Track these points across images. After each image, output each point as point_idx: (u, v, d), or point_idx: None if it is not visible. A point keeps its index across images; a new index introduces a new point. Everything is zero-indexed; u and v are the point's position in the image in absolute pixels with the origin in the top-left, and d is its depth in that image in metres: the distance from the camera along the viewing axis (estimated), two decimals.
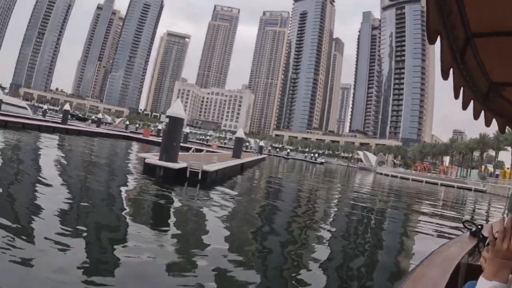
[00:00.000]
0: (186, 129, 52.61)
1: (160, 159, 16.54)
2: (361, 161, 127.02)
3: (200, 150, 26.12)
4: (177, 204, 11.62)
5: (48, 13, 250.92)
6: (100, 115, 65.79)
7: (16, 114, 44.66)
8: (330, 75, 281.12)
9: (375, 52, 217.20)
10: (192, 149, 18.91)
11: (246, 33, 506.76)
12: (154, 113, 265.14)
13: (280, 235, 9.24)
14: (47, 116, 70.15)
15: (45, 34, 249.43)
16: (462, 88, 1.87)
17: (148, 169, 16.54)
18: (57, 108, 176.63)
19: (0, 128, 28.84)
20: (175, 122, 17.53)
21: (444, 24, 1.52)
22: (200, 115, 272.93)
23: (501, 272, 1.28)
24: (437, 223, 15.14)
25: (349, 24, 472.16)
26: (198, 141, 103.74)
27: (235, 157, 29.08)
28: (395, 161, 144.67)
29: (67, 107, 48.42)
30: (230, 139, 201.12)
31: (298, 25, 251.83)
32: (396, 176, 71.96)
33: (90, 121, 79.39)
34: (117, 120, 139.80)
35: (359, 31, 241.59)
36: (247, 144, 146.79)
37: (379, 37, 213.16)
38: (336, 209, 15.97)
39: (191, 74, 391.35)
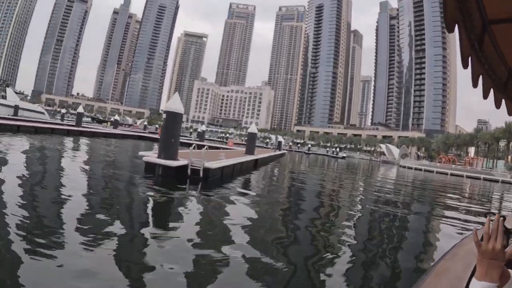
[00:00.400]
0: (203, 127, 52.02)
1: (158, 157, 15.67)
2: (384, 154, 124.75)
3: (211, 147, 26.00)
4: (175, 205, 10.85)
5: (65, 21, 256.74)
6: (116, 117, 65.59)
7: (32, 119, 44.74)
8: (350, 68, 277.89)
9: (394, 42, 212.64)
10: (193, 145, 17.12)
11: (263, 30, 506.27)
12: None
13: (296, 234, 8.85)
14: (66, 120, 71.74)
15: (63, 41, 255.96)
16: (481, 77, 1.82)
17: (149, 168, 15.94)
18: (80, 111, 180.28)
19: (13, 133, 29.25)
20: (173, 118, 16.59)
21: (461, 12, 1.48)
22: (220, 113, 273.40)
23: (490, 272, 1.31)
24: (462, 217, 14.79)
25: (366, 15, 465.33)
26: (217, 139, 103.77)
27: (248, 153, 28.32)
28: (418, 153, 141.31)
29: (80, 109, 48.44)
30: (280, 140, 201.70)
31: (314, 19, 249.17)
32: (420, 169, 70.45)
33: (108, 123, 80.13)
34: (138, 121, 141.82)
35: (377, 22, 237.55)
36: (267, 140, 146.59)
37: (398, 27, 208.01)
38: (358, 205, 15.29)
39: (210, 73, 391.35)
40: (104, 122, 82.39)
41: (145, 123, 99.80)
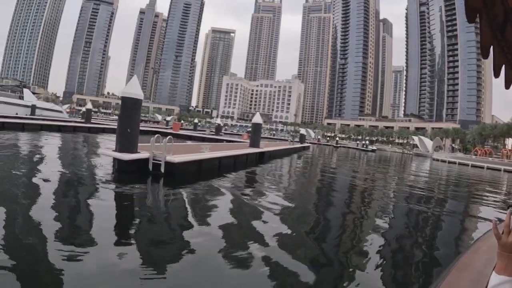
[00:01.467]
0: (218, 120, 51.11)
1: (115, 150, 13.92)
2: (417, 147, 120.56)
3: (218, 141, 24.06)
4: (111, 205, 9.31)
5: (93, 23, 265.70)
6: (65, 107, 65.81)
7: (49, 118, 46.84)
8: (381, 58, 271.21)
9: (425, 29, 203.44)
10: (156, 136, 14.42)
11: (291, 23, 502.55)
12: (206, 109, 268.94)
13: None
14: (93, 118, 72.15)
15: (92, 42, 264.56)
16: (503, 67, 1.79)
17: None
18: (110, 111, 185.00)
19: (18, 131, 29.73)
20: (130, 104, 14.37)
21: (483, 1, 1.49)
22: (250, 108, 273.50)
23: (511, 266, 1.27)
24: (501, 216, 13.01)
25: (395, 3, 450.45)
26: (236, 133, 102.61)
27: (253, 146, 26.70)
28: (453, 145, 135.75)
29: (89, 105, 49.34)
30: (282, 130, 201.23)
31: (342, 8, 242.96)
32: (454, 162, 67.10)
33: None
34: (169, 118, 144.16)
35: (406, 9, 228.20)
36: (304, 134, 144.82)
37: (428, 13, 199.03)
38: (385, 205, 13.83)
39: (239, 69, 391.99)
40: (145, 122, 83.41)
41: (167, 118, 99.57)
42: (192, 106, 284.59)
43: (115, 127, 44.91)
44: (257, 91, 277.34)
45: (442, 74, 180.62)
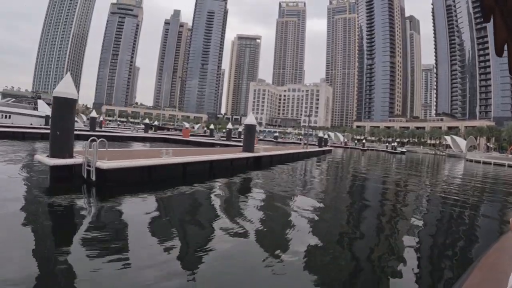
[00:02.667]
0: (229, 125, 49.84)
1: (48, 155, 12.28)
2: (450, 147, 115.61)
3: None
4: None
5: (119, 35, 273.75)
6: (146, 121, 65.92)
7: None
8: (409, 56, 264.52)
9: (452, 23, 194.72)
10: (90, 139, 12.50)
11: (317, 26, 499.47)
12: (235, 116, 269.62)
13: None
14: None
15: (118, 54, 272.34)
16: None
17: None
18: (138, 121, 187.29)
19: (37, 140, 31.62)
20: (61, 105, 12.89)
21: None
22: (278, 113, 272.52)
23: None
24: None
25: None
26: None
27: (246, 150, 24.21)
28: (488, 144, 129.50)
29: (93, 114, 49.43)
30: (311, 134, 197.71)
31: (366, 7, 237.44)
32: (489, 163, 63.00)
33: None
34: (196, 126, 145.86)
35: (432, 4, 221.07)
36: (325, 137, 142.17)
37: (454, 6, 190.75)
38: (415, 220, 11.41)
39: (267, 74, 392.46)
40: (163, 129, 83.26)
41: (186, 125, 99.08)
42: (222, 114, 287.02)
43: (120, 134, 43.99)
44: (284, 96, 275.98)
45: (473, 69, 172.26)
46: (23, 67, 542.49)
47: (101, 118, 74.90)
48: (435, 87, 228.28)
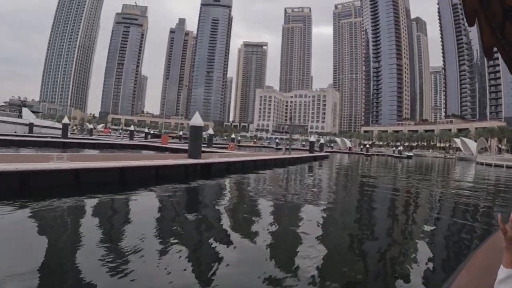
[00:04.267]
0: (210, 131, 47.48)
1: None
2: (460, 150, 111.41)
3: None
4: None
5: (124, 45, 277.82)
6: (132, 128, 64.91)
7: (29, 134, 47.84)
8: (417, 58, 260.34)
9: (459, 23, 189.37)
10: None
11: (323, 31, 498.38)
12: (243, 123, 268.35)
13: None
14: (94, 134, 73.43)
15: (124, 64, 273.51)
16: None
17: None
18: (144, 129, 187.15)
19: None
20: None
21: (480, 1, 1.42)
22: (285, 119, 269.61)
23: None
24: None
25: (427, 1, 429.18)
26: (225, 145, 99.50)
27: (192, 156, 20.43)
28: (499, 145, 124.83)
29: (65, 120, 47.91)
30: (318, 140, 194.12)
31: (370, 9, 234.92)
32: (501, 166, 59.00)
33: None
34: (204, 134, 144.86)
35: (437, 4, 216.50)
36: (332, 145, 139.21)
37: (460, 5, 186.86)
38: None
39: (274, 81, 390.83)
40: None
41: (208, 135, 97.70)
42: (230, 121, 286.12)
43: (94, 142, 41.16)
44: (291, 102, 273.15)
45: (482, 69, 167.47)
46: (32, 77, 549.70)
47: (97, 127, 73.86)
48: (444, 89, 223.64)
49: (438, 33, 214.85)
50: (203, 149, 38.69)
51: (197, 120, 21.49)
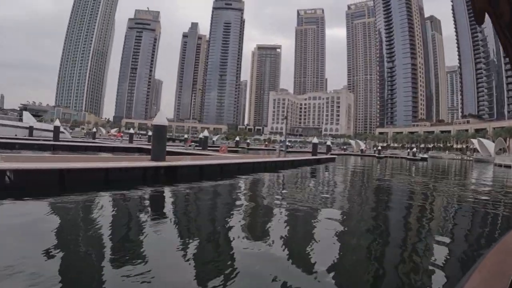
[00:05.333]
0: (205, 133, 46.74)
1: None
2: (477, 151, 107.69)
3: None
4: None
5: (137, 50, 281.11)
6: (131, 130, 66.66)
7: (31, 138, 48.92)
8: (432, 58, 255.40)
9: (474, 20, 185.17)
10: None
11: (337, 33, 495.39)
12: (257, 127, 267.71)
13: None
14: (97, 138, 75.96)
15: (137, 68, 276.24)
16: None
17: None
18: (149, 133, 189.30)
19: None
20: None
21: (488, 1, 1.47)
22: (300, 122, 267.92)
23: None
24: None
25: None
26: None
27: (155, 159, 18.58)
28: None
29: (57, 123, 48.47)
30: (332, 143, 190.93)
31: (382, 8, 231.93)
32: None
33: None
34: (215, 137, 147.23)
35: (451, 1, 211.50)
36: (345, 147, 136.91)
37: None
38: None
39: (289, 84, 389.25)
40: (174, 140, 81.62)
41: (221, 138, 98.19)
42: (244, 125, 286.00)
43: (86, 144, 42.31)
44: (305, 104, 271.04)
45: (499, 66, 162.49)
46: (47, 82, 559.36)
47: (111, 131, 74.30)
48: (460, 88, 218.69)
49: (453, 32, 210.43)
50: (189, 151, 36.96)
51: (160, 119, 19.75)
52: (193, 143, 58.18)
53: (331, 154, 58.60)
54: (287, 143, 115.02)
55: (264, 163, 28.07)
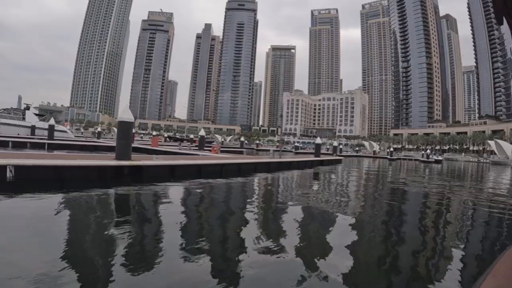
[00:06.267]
0: (202, 132, 45.43)
1: None
2: (495, 153, 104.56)
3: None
4: None
5: (151, 51, 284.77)
6: (98, 128, 66.42)
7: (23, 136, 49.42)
8: (448, 57, 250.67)
9: (490, 16, 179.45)
10: None
11: (353, 34, 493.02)
12: (271, 128, 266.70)
13: None
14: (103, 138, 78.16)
15: (151, 69, 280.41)
16: None
17: None
18: (171, 133, 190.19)
19: None
20: None
21: (504, 1, 1.46)
22: (314, 123, 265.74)
23: None
24: None
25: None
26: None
27: (120, 158, 17.16)
28: None
29: (51, 122, 49.25)
30: (346, 144, 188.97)
31: (397, 7, 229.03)
32: None
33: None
34: (228, 138, 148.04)
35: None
36: (357, 149, 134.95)
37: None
38: None
39: (303, 85, 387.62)
40: (181, 141, 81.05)
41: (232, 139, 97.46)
42: (259, 126, 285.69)
43: (76, 143, 44.19)
44: (319, 105, 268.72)
45: None
46: (63, 84, 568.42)
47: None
48: (477, 88, 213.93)
49: (469, 31, 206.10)
50: (184, 151, 35.29)
51: (125, 114, 18.02)
52: (188, 143, 57.96)
53: (338, 156, 56.63)
54: (298, 144, 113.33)
55: (253, 164, 26.09)
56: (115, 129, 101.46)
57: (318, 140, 47.04)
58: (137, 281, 5.26)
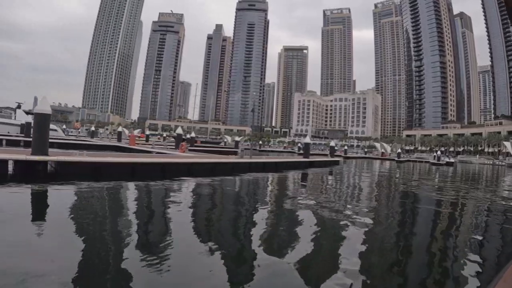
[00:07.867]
0: (179, 130, 44.55)
1: None
2: (510, 155, 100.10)
3: None
4: None
5: (161, 52, 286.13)
6: (120, 129, 65.42)
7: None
8: (463, 56, 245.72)
9: (506, 16, 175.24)
10: None
11: (366, 35, 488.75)
12: (284, 129, 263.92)
13: None
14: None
15: (161, 70, 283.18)
16: None
17: None
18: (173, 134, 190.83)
19: None
20: None
21: None
22: (325, 124, 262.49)
23: None
24: None
25: None
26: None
27: (36, 153, 15.29)
28: None
29: (28, 119, 48.80)
30: (358, 145, 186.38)
31: (409, 6, 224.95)
32: None
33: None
34: (237, 139, 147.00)
35: None
36: (366, 150, 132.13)
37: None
38: None
39: (316, 85, 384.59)
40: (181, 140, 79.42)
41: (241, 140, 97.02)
42: (271, 126, 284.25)
43: (71, 142, 44.66)
44: (331, 106, 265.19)
45: None
46: (76, 85, 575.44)
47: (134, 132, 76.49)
48: (492, 88, 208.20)
49: (484, 29, 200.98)
50: (155, 150, 32.38)
51: (43, 106, 16.10)
52: (159, 141, 56.87)
53: (343, 156, 53.38)
54: (301, 145, 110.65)
55: (212, 164, 22.86)
56: (126, 130, 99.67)
57: (307, 140, 42.43)
58: None
